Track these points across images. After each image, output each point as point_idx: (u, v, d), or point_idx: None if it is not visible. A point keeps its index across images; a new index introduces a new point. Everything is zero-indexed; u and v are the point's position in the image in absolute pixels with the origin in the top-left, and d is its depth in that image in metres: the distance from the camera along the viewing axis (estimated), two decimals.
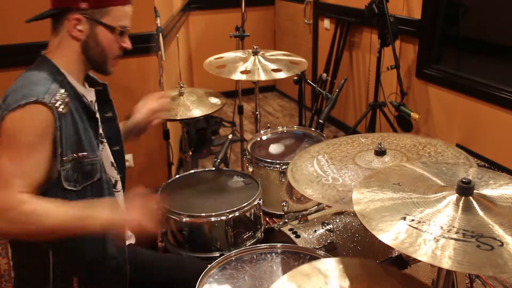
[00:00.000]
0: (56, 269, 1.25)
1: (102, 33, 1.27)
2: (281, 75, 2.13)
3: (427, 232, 0.83)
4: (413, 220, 0.86)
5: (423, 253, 0.79)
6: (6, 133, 1.14)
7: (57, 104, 1.17)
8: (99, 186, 1.30)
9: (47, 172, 1.18)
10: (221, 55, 2.36)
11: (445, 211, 0.88)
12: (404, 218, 0.87)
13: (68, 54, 1.27)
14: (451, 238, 0.81)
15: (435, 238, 0.81)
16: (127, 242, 1.51)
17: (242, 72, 2.13)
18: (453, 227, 0.84)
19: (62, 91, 1.20)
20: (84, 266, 1.30)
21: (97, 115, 1.36)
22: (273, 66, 2.18)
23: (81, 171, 1.23)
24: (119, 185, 1.48)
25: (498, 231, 0.83)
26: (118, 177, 1.46)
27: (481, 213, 0.88)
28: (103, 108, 1.45)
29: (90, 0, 1.23)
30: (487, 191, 0.95)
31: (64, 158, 1.19)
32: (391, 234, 0.84)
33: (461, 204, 0.89)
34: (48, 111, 1.15)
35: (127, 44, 1.34)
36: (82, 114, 1.26)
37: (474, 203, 0.90)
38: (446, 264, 0.77)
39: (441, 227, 0.84)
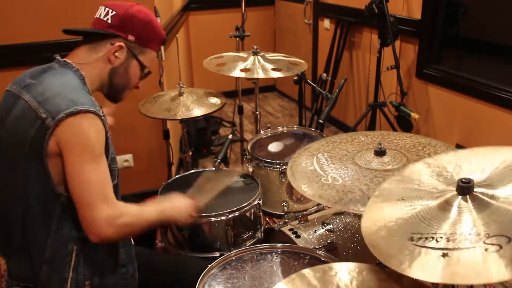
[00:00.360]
0: (74, 271, 1.27)
1: (134, 66, 1.41)
2: (281, 74, 2.13)
3: (434, 248, 0.82)
4: (420, 238, 0.85)
5: (435, 275, 0.78)
6: (76, 140, 1.18)
7: (103, 115, 1.25)
8: (116, 190, 1.36)
9: None
10: (220, 54, 2.36)
11: (450, 217, 0.87)
12: (412, 238, 0.86)
13: (97, 72, 1.35)
14: (459, 248, 0.79)
15: (443, 254, 0.80)
16: None
17: (242, 70, 2.13)
18: (461, 234, 0.82)
19: (96, 102, 1.27)
20: (97, 272, 1.32)
21: None
22: (273, 66, 2.18)
23: None
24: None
25: (505, 226, 0.81)
26: None
27: (483, 209, 0.86)
28: None
29: (137, 37, 1.37)
30: (477, 176, 0.95)
31: None
32: (402, 260, 0.83)
33: (463, 205, 0.88)
34: (101, 122, 1.23)
35: (140, 84, 1.48)
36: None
37: (476, 200, 0.89)
38: (460, 280, 0.76)
39: (447, 239, 0.82)
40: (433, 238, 0.84)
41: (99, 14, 1.35)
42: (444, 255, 0.80)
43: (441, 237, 0.83)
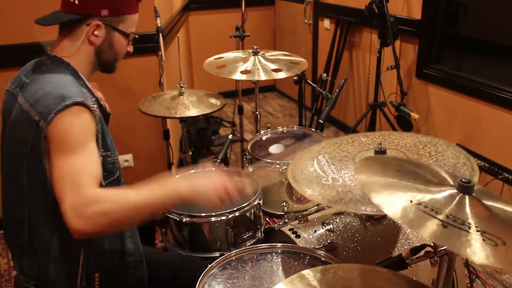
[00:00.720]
0: (84, 267, 1.27)
1: (117, 38, 1.35)
2: (281, 75, 2.13)
3: (432, 216, 0.82)
4: (419, 204, 0.85)
5: (434, 234, 0.78)
6: (59, 135, 1.15)
7: (93, 106, 1.22)
8: (118, 182, 1.35)
9: None
10: (221, 55, 2.36)
11: (447, 203, 0.88)
12: (411, 201, 0.86)
13: (84, 58, 1.33)
14: (459, 228, 0.80)
15: (443, 224, 0.80)
16: None
17: (242, 72, 2.13)
18: (458, 218, 0.83)
19: (90, 94, 1.25)
20: (105, 263, 1.32)
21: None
22: (273, 66, 2.18)
23: (105, 169, 1.26)
24: None
25: (501, 229, 0.82)
26: None
27: (481, 211, 0.87)
28: None
29: (110, 9, 1.30)
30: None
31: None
32: (399, 212, 0.83)
33: (462, 201, 0.89)
34: (90, 113, 1.20)
35: (131, 48, 1.43)
36: (100, 114, 1.29)
37: (474, 201, 0.89)
38: (451, 246, 0.77)
39: (447, 216, 0.83)
40: (433, 209, 0.84)
41: None
42: (443, 225, 0.80)
43: (440, 212, 0.84)
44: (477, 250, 0.76)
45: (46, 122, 1.15)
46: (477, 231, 0.80)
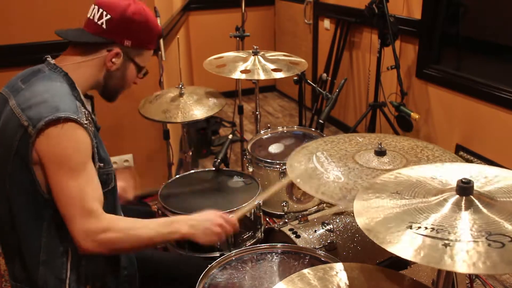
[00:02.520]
0: (73, 272, 1.26)
1: (131, 69, 1.38)
2: (281, 75, 2.13)
3: (436, 238, 0.81)
4: (419, 227, 0.85)
5: (435, 261, 0.77)
6: (57, 153, 1.15)
7: (85, 123, 1.21)
8: (113, 193, 1.35)
9: None
10: (220, 55, 2.35)
11: (448, 214, 0.87)
12: (411, 227, 0.85)
13: (90, 76, 1.33)
14: (461, 241, 0.79)
15: (445, 244, 0.79)
16: None
17: (242, 72, 2.12)
18: (461, 229, 0.82)
19: (83, 109, 1.24)
20: (97, 275, 1.31)
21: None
22: (273, 66, 2.18)
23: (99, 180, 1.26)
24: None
25: (506, 226, 0.82)
26: None
27: (484, 210, 0.87)
28: None
29: (134, 41, 1.33)
30: (482, 187, 0.95)
31: None
32: (401, 245, 0.82)
33: (463, 205, 0.89)
34: (84, 130, 1.20)
35: (138, 81, 1.46)
36: (93, 127, 1.28)
37: (476, 201, 0.89)
38: (461, 268, 0.75)
39: (449, 232, 0.82)
40: (433, 229, 0.84)
41: (92, 15, 1.30)
42: (445, 244, 0.79)
43: (441, 229, 0.83)
44: (483, 261, 0.75)
45: (35, 129, 1.14)
46: (482, 235, 0.80)
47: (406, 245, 0.82)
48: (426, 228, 0.84)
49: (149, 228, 1.24)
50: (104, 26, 1.28)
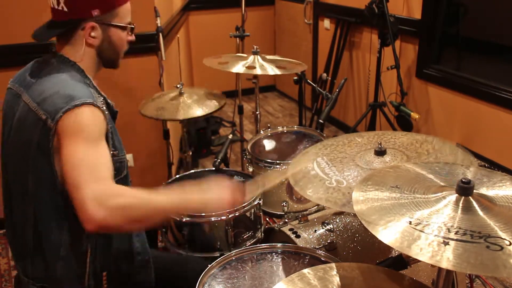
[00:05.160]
0: (91, 265, 1.27)
1: (115, 33, 1.33)
2: (284, 71, 2.13)
3: (434, 235, 0.81)
4: (418, 223, 0.85)
5: (432, 257, 0.77)
6: (73, 127, 1.14)
7: (103, 107, 1.21)
8: (126, 181, 1.35)
9: None
10: (219, 55, 2.35)
11: (447, 212, 0.88)
12: (410, 222, 0.85)
13: (89, 60, 1.32)
14: (460, 240, 0.79)
15: (444, 241, 0.80)
16: None
17: (243, 66, 2.13)
18: (460, 228, 0.82)
19: (97, 95, 1.25)
20: (112, 261, 1.32)
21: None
22: (273, 66, 2.18)
23: (113, 168, 1.24)
24: None
25: (505, 230, 0.82)
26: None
27: (481, 213, 0.87)
28: None
29: (100, 7, 1.27)
30: (484, 190, 0.95)
31: None
32: (397, 237, 0.83)
33: (461, 205, 0.89)
34: (101, 112, 1.19)
35: (132, 37, 1.40)
36: (108, 114, 1.29)
37: (475, 203, 0.89)
38: (456, 266, 0.75)
39: (448, 229, 0.82)
40: (433, 227, 0.84)
41: (52, 4, 1.26)
42: (445, 243, 0.79)
43: (441, 228, 0.83)
44: (484, 263, 0.75)
45: (54, 121, 1.14)
46: (480, 237, 0.80)
47: (403, 239, 0.82)
48: (425, 225, 0.84)
49: (162, 196, 1.18)
50: (64, 8, 1.25)
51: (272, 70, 2.13)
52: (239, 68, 2.11)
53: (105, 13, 1.28)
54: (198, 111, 2.10)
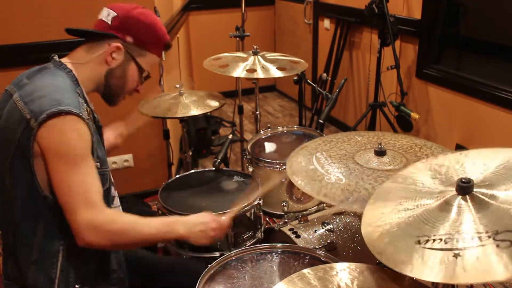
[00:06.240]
0: (63, 275, 1.26)
1: (132, 68, 1.38)
2: (281, 73, 2.13)
3: (445, 250, 0.80)
4: (427, 241, 0.83)
5: (450, 276, 0.75)
6: (57, 144, 1.16)
7: (87, 118, 1.21)
8: (108, 194, 1.34)
9: None
10: (218, 55, 2.35)
11: (452, 218, 0.86)
12: (419, 242, 0.84)
13: (92, 73, 1.33)
14: (470, 247, 0.78)
15: (455, 254, 0.78)
16: None
17: (244, 69, 2.12)
18: (467, 233, 0.81)
19: (85, 106, 1.25)
20: (87, 276, 1.31)
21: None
22: (273, 65, 2.18)
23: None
24: (117, 201, 1.47)
25: (510, 222, 0.80)
26: (115, 193, 1.47)
27: (486, 207, 0.86)
28: None
29: (136, 38, 1.34)
30: (476, 177, 0.94)
31: None
32: (414, 265, 0.81)
33: (464, 205, 0.88)
34: (85, 124, 1.20)
35: (140, 88, 1.45)
36: (93, 126, 1.29)
37: (476, 199, 0.88)
38: (475, 279, 0.73)
39: (457, 239, 0.81)
40: (441, 240, 0.82)
41: (102, 16, 1.33)
42: (455, 255, 0.78)
43: (449, 238, 0.82)
44: (495, 265, 0.74)
45: (37, 122, 1.14)
46: (488, 237, 0.79)
47: (418, 264, 0.80)
48: (434, 240, 0.83)
49: (151, 225, 1.25)
50: (109, 22, 1.31)
51: (273, 73, 2.12)
52: (239, 72, 2.11)
53: (136, 46, 1.35)
54: (199, 110, 2.10)
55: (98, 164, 1.27)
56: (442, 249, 0.81)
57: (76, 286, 1.28)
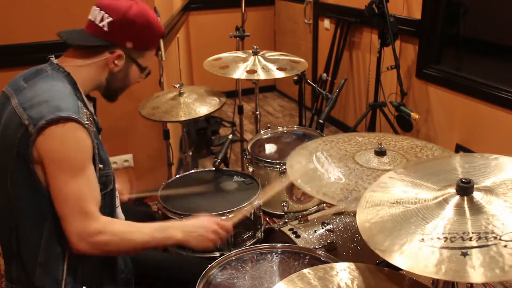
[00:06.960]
0: (69, 276, 1.25)
1: (133, 70, 1.39)
2: (282, 74, 2.13)
3: (449, 248, 0.79)
4: (431, 239, 0.82)
5: (460, 275, 0.74)
6: (57, 153, 1.16)
7: (87, 123, 1.21)
8: (112, 195, 1.35)
9: None
10: (218, 56, 2.35)
11: (455, 218, 0.85)
12: (423, 240, 0.82)
13: (92, 76, 1.33)
14: (477, 247, 0.77)
15: (462, 253, 0.77)
16: None
17: (244, 70, 2.12)
18: (473, 233, 0.80)
19: (85, 110, 1.25)
20: (94, 277, 1.31)
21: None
22: (273, 66, 2.18)
23: (98, 182, 1.26)
24: (117, 202, 1.47)
25: None
26: (117, 193, 1.46)
27: (489, 207, 0.85)
28: None
29: (136, 43, 1.34)
30: (480, 181, 0.93)
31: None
32: (416, 260, 0.81)
33: (467, 205, 0.87)
34: (85, 130, 1.20)
35: (142, 80, 1.47)
36: (94, 128, 1.28)
37: (478, 199, 0.88)
38: (487, 277, 0.72)
39: (462, 238, 0.80)
40: (446, 238, 0.81)
41: (94, 18, 1.30)
42: (463, 254, 0.77)
43: (454, 237, 0.81)
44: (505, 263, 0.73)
45: (36, 128, 1.14)
46: (495, 238, 0.78)
47: (423, 261, 0.79)
48: (438, 238, 0.82)
49: (144, 233, 1.25)
50: (105, 28, 1.28)
51: (273, 73, 2.12)
52: (240, 73, 2.11)
53: (136, 50, 1.35)
54: (200, 110, 2.10)
55: (101, 166, 1.27)
56: (450, 248, 0.79)
57: (83, 287, 1.28)
